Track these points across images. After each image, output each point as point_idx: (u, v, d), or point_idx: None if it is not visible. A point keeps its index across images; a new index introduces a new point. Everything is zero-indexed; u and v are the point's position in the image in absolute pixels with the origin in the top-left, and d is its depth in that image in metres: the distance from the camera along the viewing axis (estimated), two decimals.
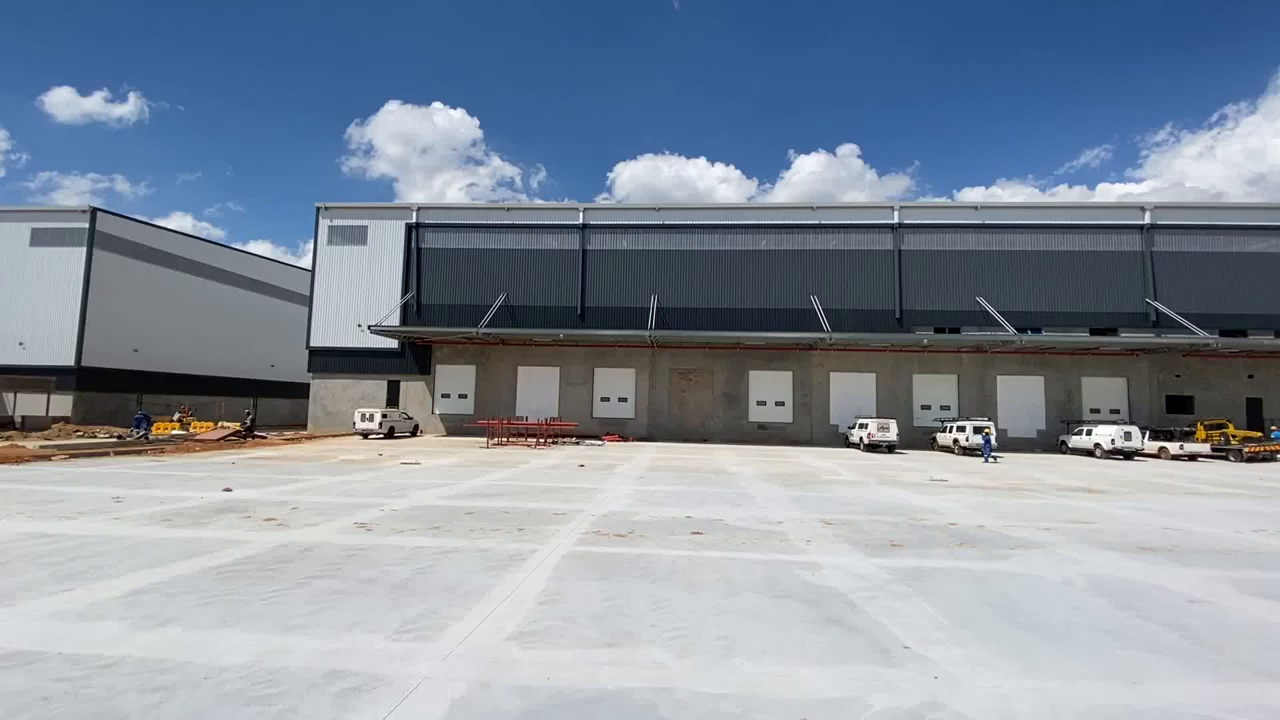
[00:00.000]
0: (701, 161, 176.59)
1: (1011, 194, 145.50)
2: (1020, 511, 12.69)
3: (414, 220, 40.32)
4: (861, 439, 31.70)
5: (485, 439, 30.98)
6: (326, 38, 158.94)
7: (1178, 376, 36.55)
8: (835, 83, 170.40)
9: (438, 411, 38.95)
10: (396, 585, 6.52)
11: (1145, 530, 10.75)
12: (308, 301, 40.86)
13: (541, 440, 31.02)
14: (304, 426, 39.94)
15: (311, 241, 41.48)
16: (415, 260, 40.05)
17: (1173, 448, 29.39)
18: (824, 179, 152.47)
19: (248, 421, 30.75)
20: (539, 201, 54.06)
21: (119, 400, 40.30)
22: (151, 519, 9.93)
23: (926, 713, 3.92)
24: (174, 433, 30.93)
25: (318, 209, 41.17)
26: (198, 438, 28.64)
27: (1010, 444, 34.86)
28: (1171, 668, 4.75)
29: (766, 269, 38.46)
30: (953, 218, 38.53)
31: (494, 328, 36.48)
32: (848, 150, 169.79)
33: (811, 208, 39.77)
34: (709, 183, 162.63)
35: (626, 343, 37.15)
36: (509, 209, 41.15)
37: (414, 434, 36.24)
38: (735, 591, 6.54)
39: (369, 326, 35.91)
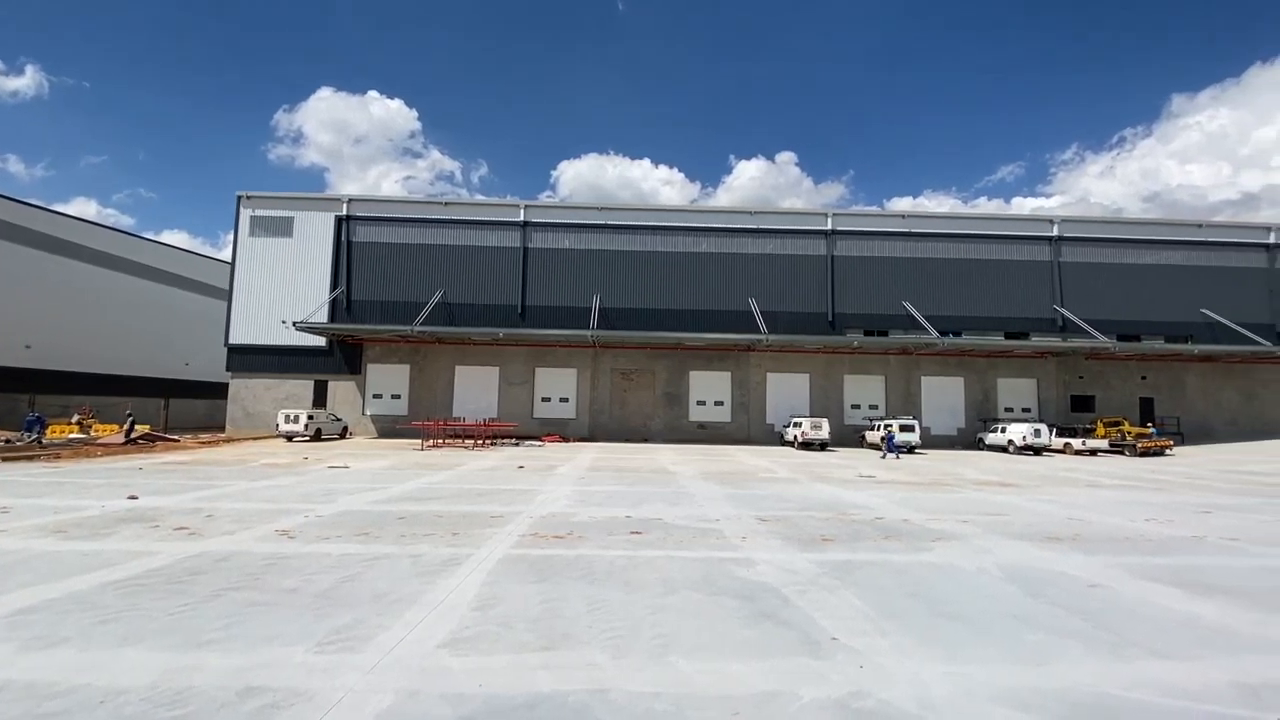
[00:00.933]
0: (646, 163, 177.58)
1: (937, 204, 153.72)
2: (941, 505, 13.39)
3: (345, 212, 38.64)
4: (796, 437, 32.67)
5: (420, 441, 30.06)
6: (253, 16, 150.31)
7: (1081, 378, 39.54)
8: (775, 91, 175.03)
9: (369, 413, 37.48)
10: (321, 594, 6.22)
11: (1052, 521, 11.55)
12: (227, 296, 38.47)
13: (480, 442, 30.37)
14: (222, 429, 37.58)
15: (232, 233, 39.12)
16: (346, 254, 38.39)
17: (1076, 444, 31.77)
18: (764, 184, 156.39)
19: (128, 424, 27.72)
20: (479, 197, 52.98)
21: (9, 401, 36.67)
22: (43, 530, 9.09)
23: (852, 701, 4.06)
24: (72, 436, 28.45)
25: (239, 198, 38.84)
26: (99, 441, 26.43)
27: (933, 441, 36.77)
28: (1074, 649, 5.11)
29: (707, 271, 39.05)
30: (882, 225, 40.26)
31: (430, 326, 35.43)
32: (786, 157, 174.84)
33: (750, 212, 40.66)
34: (653, 184, 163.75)
35: (568, 342, 36.89)
36: (447, 204, 40.07)
37: (343, 436, 34.74)
38: (673, 590, 6.59)
39: (294, 323, 34.17)
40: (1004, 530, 10.45)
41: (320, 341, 37.18)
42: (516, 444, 32.05)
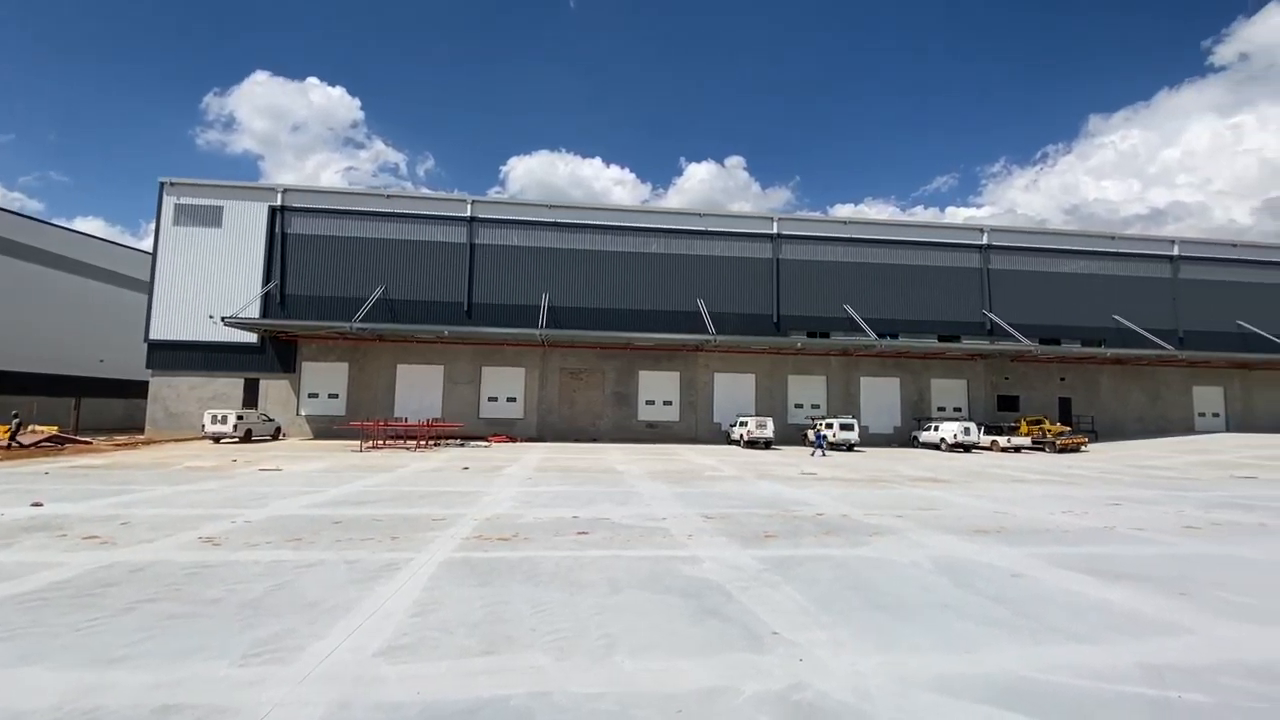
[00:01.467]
0: (597, 162, 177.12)
1: (877, 211, 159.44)
2: (878, 501, 13.89)
3: (280, 203, 36.81)
4: (742, 436, 33.26)
5: (359, 442, 29.00)
6: None
7: (1006, 379, 41.84)
8: (726, 96, 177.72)
9: (304, 413, 35.87)
10: (247, 604, 5.90)
11: (979, 515, 12.17)
12: (148, 289, 36.05)
13: (422, 442, 29.55)
14: (141, 430, 35.20)
15: (154, 221, 36.68)
16: (280, 247, 36.60)
17: (1002, 441, 33.58)
18: (713, 187, 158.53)
19: (13, 425, 25.14)
20: (425, 191, 51.32)
21: None
22: None
23: (792, 694, 4.16)
24: None
25: (162, 184, 36.45)
26: None
27: (871, 439, 38.13)
28: (998, 636, 5.39)
29: (657, 271, 39.25)
30: (825, 231, 41.45)
31: (370, 323, 34.20)
32: (735, 161, 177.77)
33: (699, 214, 41.11)
34: (604, 183, 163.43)
35: (516, 341, 36.34)
36: (390, 196, 38.73)
37: (276, 437, 33.14)
38: (618, 589, 6.58)
39: (223, 319, 32.33)
40: (936, 524, 10.93)
41: (251, 338, 35.32)
42: (462, 445, 31.35)
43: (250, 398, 35.41)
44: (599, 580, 6.93)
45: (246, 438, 30.20)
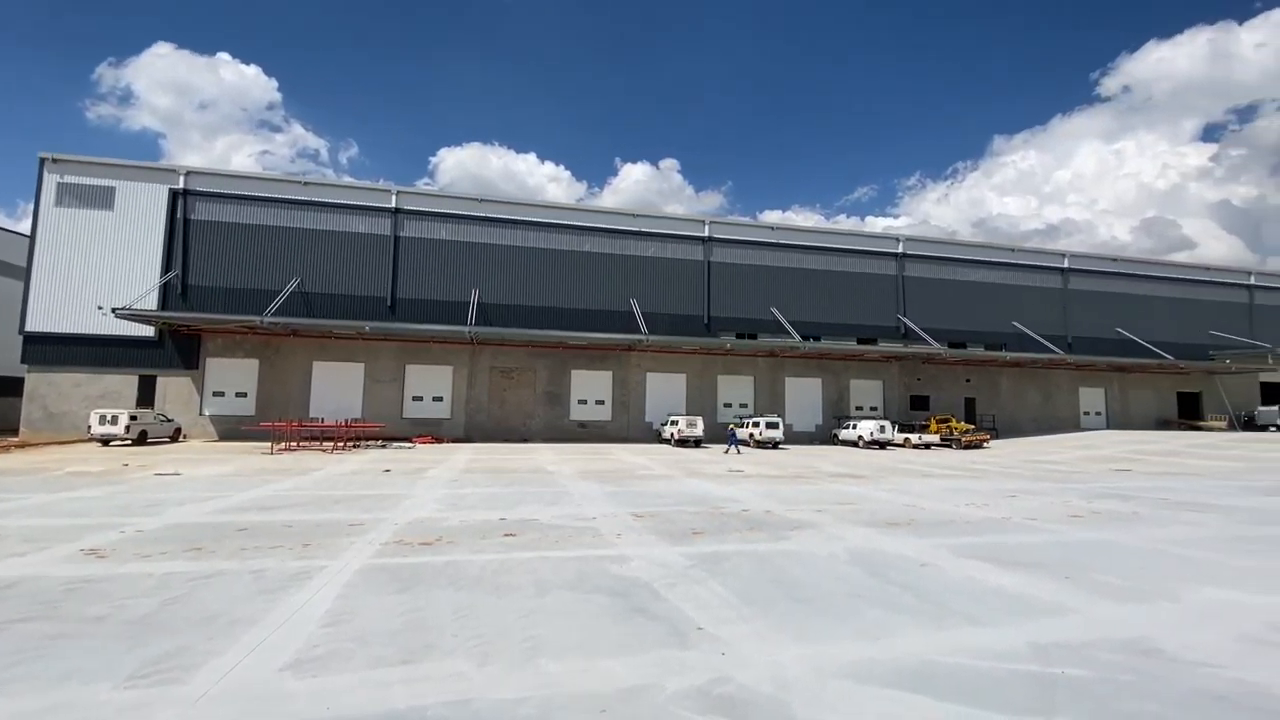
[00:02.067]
0: (532, 157, 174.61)
1: (803, 219, 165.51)
2: (800, 496, 14.42)
3: (182, 185, 34.04)
4: (673, 435, 33.68)
5: (270, 444, 27.30)
6: None
7: (918, 380, 44.43)
8: (663, 99, 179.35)
9: (208, 413, 33.38)
10: (136, 621, 5.43)
11: (892, 508, 12.85)
12: (24, 275, 32.49)
13: (341, 444, 28.17)
14: (15, 432, 31.70)
15: (33, 202, 33.08)
16: (183, 233, 33.86)
17: (914, 439, 35.65)
18: (648, 189, 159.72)
19: None
20: (348, 179, 48.70)
21: None
22: None
23: (714, 688, 4.24)
24: None
25: (42, 160, 32.94)
26: None
27: (795, 437, 39.54)
28: (906, 623, 5.71)
29: (590, 270, 39.10)
30: (754, 235, 42.60)
31: (284, 317, 32.23)
32: (670, 164, 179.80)
33: (633, 215, 41.28)
34: (539, 180, 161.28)
35: (444, 338, 35.24)
36: (308, 184, 36.61)
37: (175, 439, 30.68)
38: (545, 591, 6.51)
39: (114, 310, 29.57)
40: (853, 518, 11.46)
41: (148, 331, 32.50)
42: (383, 446, 30.11)
43: (146, 396, 32.59)
44: (526, 582, 6.83)
45: (141, 440, 27.79)
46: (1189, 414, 48.93)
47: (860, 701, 4.09)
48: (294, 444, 27.63)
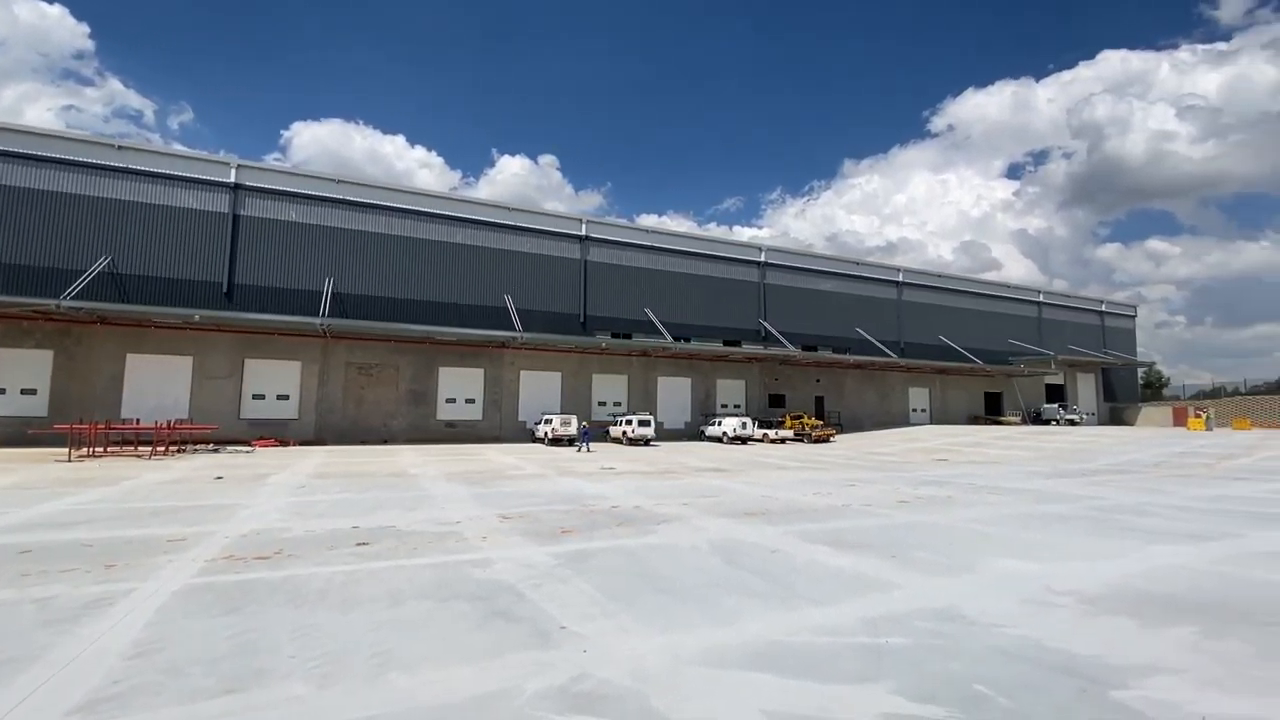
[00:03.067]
0: (401, 140, 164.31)
1: (677, 224, 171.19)
2: (668, 491, 14.89)
3: None
4: (547, 434, 33.33)
5: (68, 450, 23.24)
6: None
7: (776, 379, 47.77)
8: (545, 94, 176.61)
9: None
10: None
11: (750, 499, 13.67)
12: None
13: (162, 449, 24.67)
14: None
15: None
16: None
17: (771, 434, 38.26)
18: (526, 183, 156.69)
19: None
20: (178, 147, 42.17)
21: None
22: None
23: (573, 686, 4.24)
24: None
25: None
26: None
27: (665, 434, 40.82)
28: (758, 607, 6.08)
29: (462, 263, 37.57)
30: (631, 237, 43.37)
31: (89, 301, 27.63)
32: (549, 160, 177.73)
33: (509, 209, 40.28)
34: (408, 164, 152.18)
35: (291, 330, 32.07)
36: (122, 148, 31.58)
37: None
38: (400, 602, 6.14)
39: None
40: (715, 510, 12.04)
41: None
42: (216, 450, 26.82)
43: None
44: (378, 594, 6.39)
45: None
46: (993, 410, 57.17)
47: (712, 686, 4.29)
48: (102, 449, 23.78)
